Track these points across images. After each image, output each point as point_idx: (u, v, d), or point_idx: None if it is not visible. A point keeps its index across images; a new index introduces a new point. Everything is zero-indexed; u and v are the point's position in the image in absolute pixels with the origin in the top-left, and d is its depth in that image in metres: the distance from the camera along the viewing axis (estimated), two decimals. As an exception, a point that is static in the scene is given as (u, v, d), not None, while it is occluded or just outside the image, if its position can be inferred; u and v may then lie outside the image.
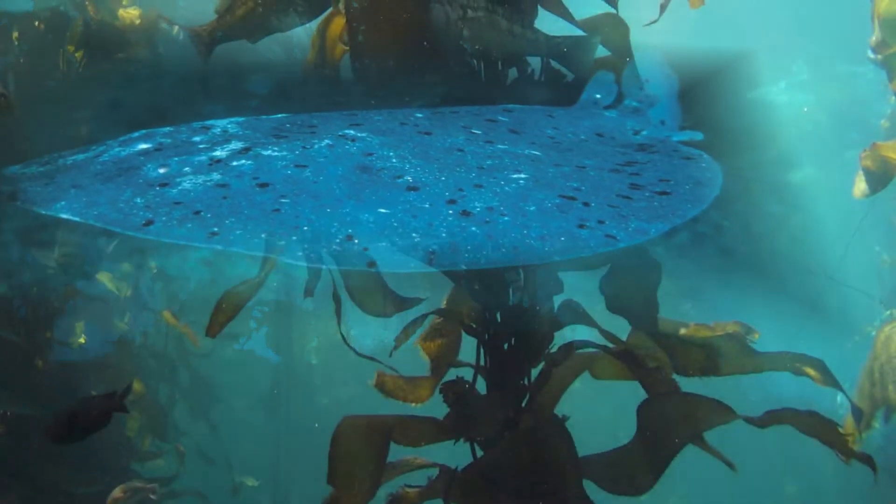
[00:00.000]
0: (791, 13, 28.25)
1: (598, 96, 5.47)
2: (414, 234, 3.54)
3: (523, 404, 5.81)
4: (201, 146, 4.53)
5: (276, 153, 4.38)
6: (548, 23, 5.90)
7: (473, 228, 3.61)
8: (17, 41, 10.41)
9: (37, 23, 10.88)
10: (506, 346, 5.82)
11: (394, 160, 4.30)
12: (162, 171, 4.22)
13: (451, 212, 3.75)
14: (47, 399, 10.55)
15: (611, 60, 6.29)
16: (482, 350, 5.87)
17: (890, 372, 7.28)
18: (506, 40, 5.44)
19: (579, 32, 6.08)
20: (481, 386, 5.82)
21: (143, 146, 4.60)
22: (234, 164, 4.26)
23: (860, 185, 10.05)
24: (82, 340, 12.73)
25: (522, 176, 4.25)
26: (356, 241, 3.51)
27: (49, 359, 11.11)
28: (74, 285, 11.70)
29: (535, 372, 5.87)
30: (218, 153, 4.39)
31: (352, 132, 4.74)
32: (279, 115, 5.23)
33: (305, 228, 3.62)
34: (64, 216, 3.84)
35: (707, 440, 5.60)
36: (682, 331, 5.79)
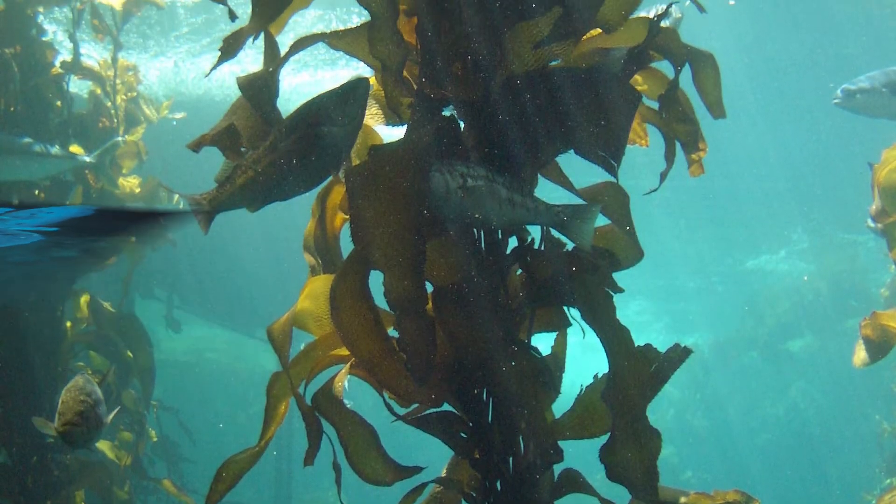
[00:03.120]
0: (791, 183, 28.66)
1: None
2: None
3: (524, 574, 5.72)
4: None
5: None
6: (547, 191, 5.98)
7: None
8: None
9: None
10: (506, 514, 5.76)
11: None
12: None
13: None
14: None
15: (611, 229, 6.34)
16: (482, 519, 5.81)
17: (891, 540, 7.18)
18: (506, 209, 5.48)
19: (579, 201, 6.14)
20: (481, 556, 5.75)
21: None
22: None
23: (860, 354, 10.06)
24: (83, 508, 12.61)
25: None
26: None
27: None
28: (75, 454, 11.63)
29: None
30: None
31: None
32: None
33: None
34: None
35: None
36: (683, 499, 5.73)
